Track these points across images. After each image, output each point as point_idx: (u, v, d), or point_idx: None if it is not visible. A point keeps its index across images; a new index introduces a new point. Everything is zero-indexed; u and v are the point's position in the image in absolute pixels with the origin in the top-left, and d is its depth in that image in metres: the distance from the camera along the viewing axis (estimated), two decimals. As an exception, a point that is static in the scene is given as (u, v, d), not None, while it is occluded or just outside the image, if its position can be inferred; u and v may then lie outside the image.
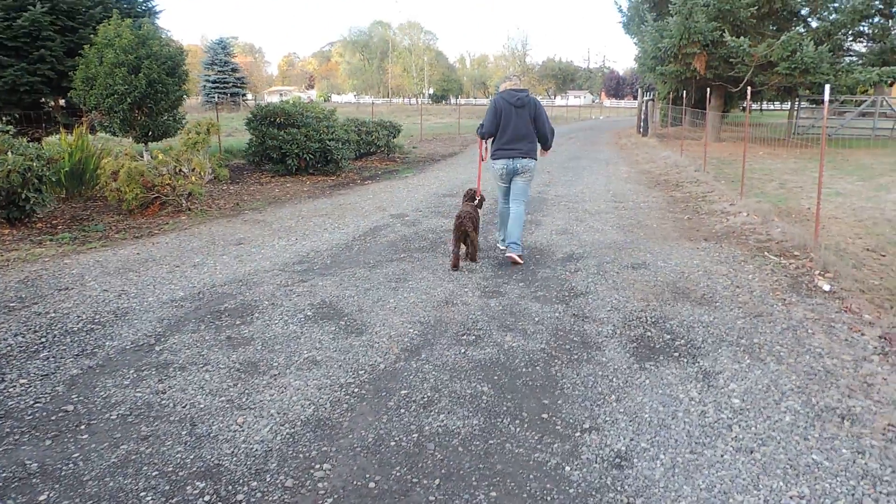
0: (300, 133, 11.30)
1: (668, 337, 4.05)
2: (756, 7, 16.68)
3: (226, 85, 47.00)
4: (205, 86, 47.27)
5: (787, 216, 7.88)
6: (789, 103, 21.90)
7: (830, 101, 21.26)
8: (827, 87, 6.43)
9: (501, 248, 6.17)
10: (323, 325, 4.16)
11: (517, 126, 5.76)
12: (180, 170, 8.37)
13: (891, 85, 20.30)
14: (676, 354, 3.79)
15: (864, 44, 19.66)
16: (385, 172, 13.02)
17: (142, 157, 9.25)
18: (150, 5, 12.76)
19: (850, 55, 19.34)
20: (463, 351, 3.75)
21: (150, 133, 10.19)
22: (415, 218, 7.84)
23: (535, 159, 5.93)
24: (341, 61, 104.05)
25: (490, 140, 6.07)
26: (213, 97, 45.49)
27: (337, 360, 3.61)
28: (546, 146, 6.12)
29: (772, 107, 42.97)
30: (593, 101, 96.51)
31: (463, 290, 4.93)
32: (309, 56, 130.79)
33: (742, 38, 16.22)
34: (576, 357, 3.71)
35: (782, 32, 17.57)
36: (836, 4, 16.69)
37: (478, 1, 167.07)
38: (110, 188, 7.91)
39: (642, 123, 24.11)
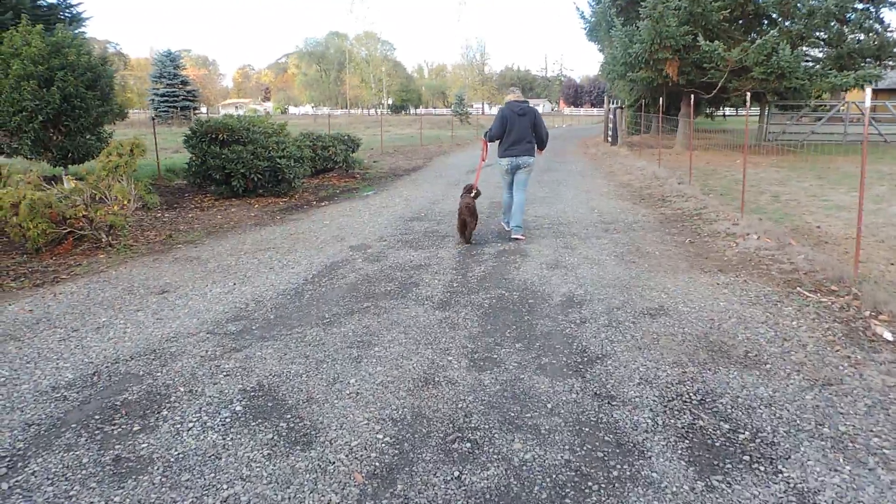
0: (246, 150, 10.04)
1: (727, 427, 3.00)
2: (728, 10, 16.05)
3: (175, 98, 45.05)
4: (153, 99, 45.25)
5: (803, 238, 6.98)
6: (759, 109, 21.43)
7: (800, 107, 20.92)
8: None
9: (507, 228, 7.58)
10: (256, 429, 2.97)
11: (520, 131, 7.16)
12: (100, 198, 7.06)
13: (846, 90, 19.95)
14: (748, 459, 2.74)
15: (821, 49, 19.27)
16: (344, 191, 11.82)
17: (58, 183, 7.90)
18: (74, 11, 11.38)
19: (807, 60, 18.93)
20: (457, 474, 2.61)
21: (70, 155, 8.83)
22: (379, 250, 6.68)
23: (534, 157, 7.35)
24: (297, 73, 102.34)
25: (497, 142, 7.40)
26: (163, 111, 43.64)
27: (272, 502, 2.44)
28: (542, 147, 7.53)
29: (732, 112, 43.08)
30: (553, 109, 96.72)
31: (445, 357, 3.80)
32: (264, 68, 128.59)
33: (716, 41, 15.54)
34: (616, 474, 2.61)
35: (754, 36, 17.01)
36: (811, 3, 16.15)
37: (435, 11, 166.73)
38: (11, 224, 6.56)
39: (611, 132, 23.41)
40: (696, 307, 4.71)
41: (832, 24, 17.31)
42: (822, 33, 17.47)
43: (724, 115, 42.66)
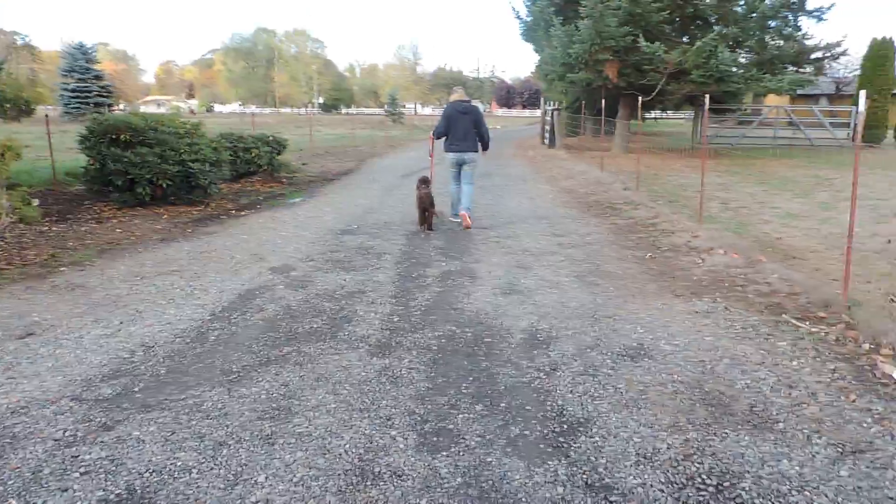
0: (153, 153, 8.83)
1: (762, 529, 2.27)
2: (667, 11, 15.82)
3: (88, 94, 42.07)
4: (62, 95, 42.11)
5: (768, 252, 6.47)
6: (688, 113, 21.52)
7: (734, 111, 21.09)
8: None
9: (454, 220, 8.06)
10: (112, 576, 2.03)
11: (464, 128, 7.72)
12: (-40, 212, 5.83)
13: (778, 94, 20.26)
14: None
15: (745, 55, 19.39)
16: (268, 198, 10.72)
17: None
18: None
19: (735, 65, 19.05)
20: None
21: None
22: (304, 273, 5.72)
23: (477, 152, 7.91)
24: (223, 69, 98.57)
25: (442, 139, 7.94)
26: (74, 108, 40.67)
27: None
28: (485, 148, 8.14)
29: (663, 116, 43.94)
30: (485, 111, 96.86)
31: (387, 431, 2.93)
32: (189, 64, 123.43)
33: (656, 43, 15.26)
34: None
35: (693, 39, 16.88)
36: (741, 7, 16.13)
37: (367, 9, 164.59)
38: None
39: (548, 135, 23.02)
40: (679, 345, 4.02)
41: (755, 31, 17.43)
42: (750, 39, 17.53)
43: (654, 119, 43.46)
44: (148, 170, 8.77)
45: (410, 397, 3.27)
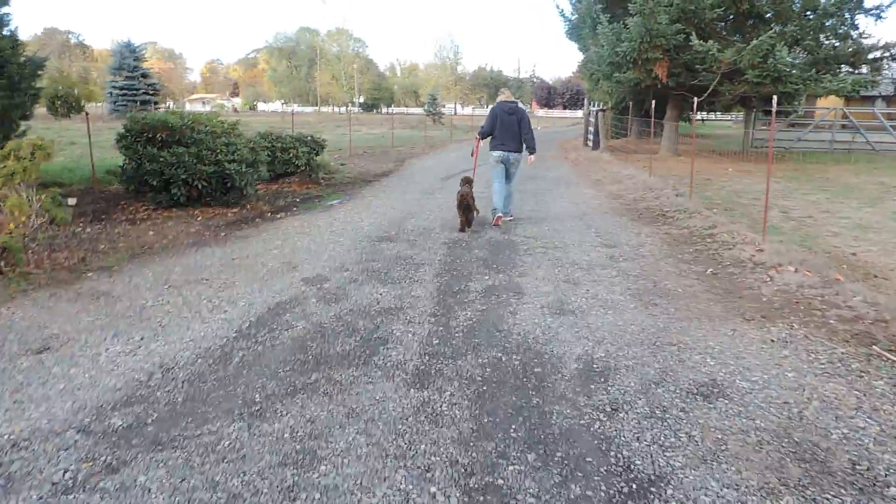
0: (189, 153, 8.63)
1: None
2: (722, 8, 15.06)
3: (135, 92, 42.87)
4: (111, 92, 43.00)
5: (845, 270, 5.87)
6: (736, 115, 20.61)
7: (788, 114, 20.12)
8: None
9: (494, 218, 8.11)
10: None
11: (509, 128, 7.93)
12: (-10, 214, 5.65)
13: (824, 96, 19.18)
14: None
15: (796, 55, 18.40)
16: (305, 200, 10.46)
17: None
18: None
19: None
20: None
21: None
22: (338, 284, 5.36)
23: (521, 152, 8.06)
24: (267, 69, 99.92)
25: (488, 139, 8.16)
26: (122, 105, 41.49)
27: None
28: (531, 151, 8.23)
29: (710, 117, 42.52)
30: (525, 111, 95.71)
31: (426, 486, 2.52)
32: (233, 63, 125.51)
33: (710, 41, 14.53)
34: None
35: (747, 38, 16.07)
36: (798, 4, 15.30)
37: (408, 9, 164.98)
38: None
39: (591, 136, 22.36)
40: (758, 381, 3.52)
41: (815, 29, 16.51)
42: (809, 38, 16.60)
43: (702, 120, 42.17)
44: (183, 170, 8.57)
45: (453, 441, 2.87)
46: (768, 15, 16.18)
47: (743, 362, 3.78)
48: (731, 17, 16.80)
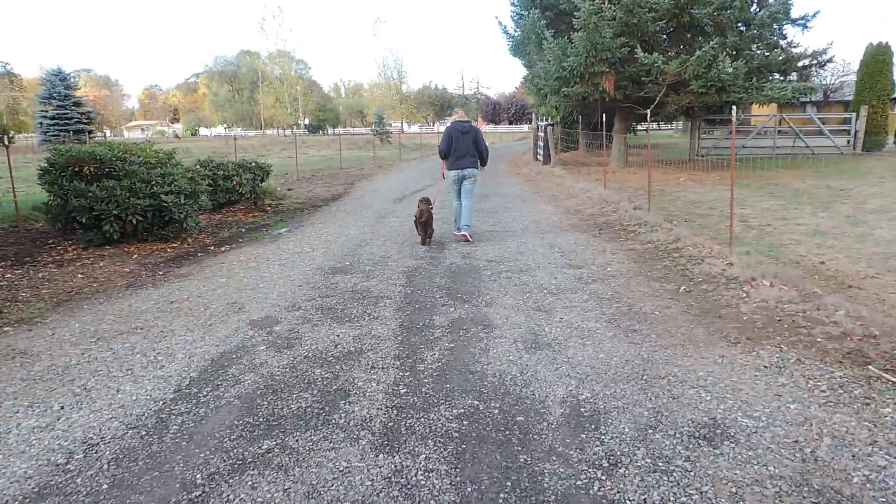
0: (121, 186, 7.99)
1: None
2: (664, 21, 15.20)
3: (67, 121, 41.08)
4: (41, 122, 41.11)
5: (819, 282, 5.71)
6: (677, 124, 20.92)
7: (727, 122, 20.48)
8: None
9: (456, 234, 8.35)
10: None
11: (464, 147, 8.14)
12: None
13: (767, 104, 19.70)
14: None
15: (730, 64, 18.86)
16: (251, 230, 9.88)
17: None
18: None
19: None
20: None
21: None
22: (290, 327, 4.87)
23: (477, 168, 8.31)
24: (208, 93, 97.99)
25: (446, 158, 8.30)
26: (53, 135, 39.67)
27: None
28: (483, 163, 8.50)
29: (654, 127, 43.31)
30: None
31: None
32: (173, 88, 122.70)
33: (654, 54, 14.62)
34: None
35: (687, 50, 16.30)
36: (751, 12, 15.60)
37: (351, 29, 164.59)
38: None
39: (541, 151, 22.34)
40: (761, 418, 3.21)
41: (755, 39, 16.89)
42: (750, 48, 16.95)
43: (646, 130, 42.99)
44: (115, 205, 7.93)
45: (433, 520, 2.43)
46: (707, 27, 16.44)
47: (740, 395, 3.47)
48: (672, 29, 17.02)
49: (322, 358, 4.18)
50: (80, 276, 6.86)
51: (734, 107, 8.09)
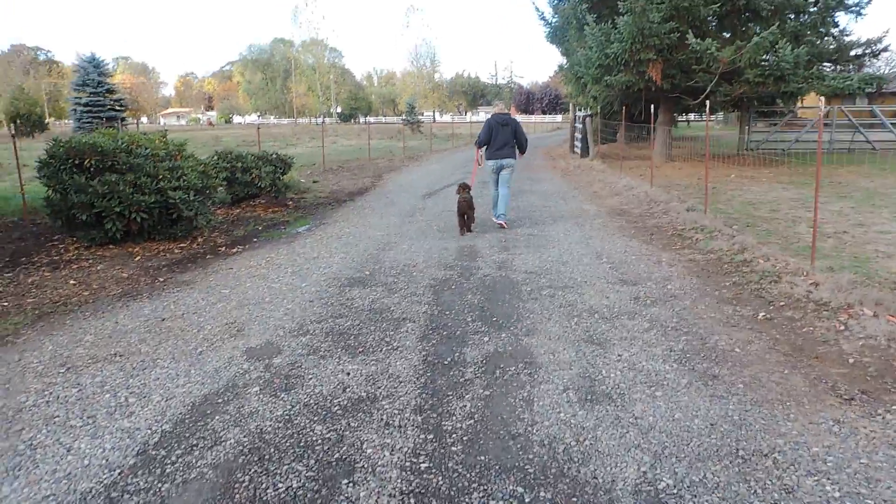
0: (124, 181, 7.31)
1: None
2: (718, 4, 14.01)
3: (101, 108, 41.11)
4: (75, 109, 41.22)
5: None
6: (721, 115, 19.64)
7: (783, 114, 19.21)
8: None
9: (496, 222, 8.75)
10: None
11: (503, 138, 8.62)
12: None
13: (832, 96, 18.36)
14: None
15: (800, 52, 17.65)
16: (268, 227, 9.15)
17: None
18: None
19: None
20: None
21: None
22: (293, 359, 4.07)
23: (515, 158, 8.76)
24: (242, 81, 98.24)
25: (484, 148, 8.80)
26: (87, 122, 39.75)
27: None
28: (522, 151, 8.91)
29: (692, 117, 41.67)
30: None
31: None
32: (208, 76, 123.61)
33: (707, 40, 13.47)
34: None
35: (739, 35, 15.06)
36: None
37: (384, 17, 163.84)
38: None
39: (579, 143, 21.25)
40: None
41: (816, 25, 15.57)
42: (812, 34, 15.63)
43: (687, 122, 41.41)
44: (118, 201, 7.25)
45: None
46: (764, 12, 15.17)
47: (876, 488, 2.56)
48: (725, 13, 15.79)
49: (325, 407, 3.37)
50: (72, 281, 6.18)
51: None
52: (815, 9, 14.88)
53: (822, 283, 5.34)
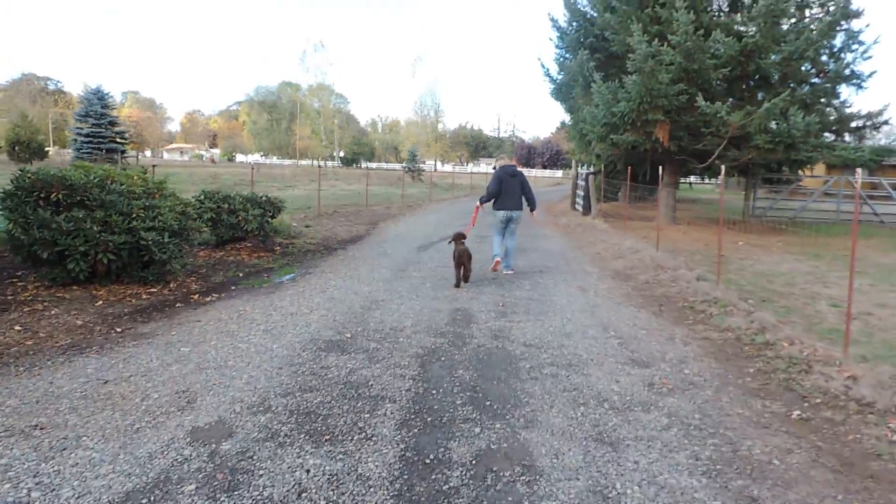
0: (92, 218, 6.72)
1: None
2: (728, 69, 13.78)
3: (101, 140, 40.93)
4: (76, 139, 41.03)
5: None
6: (728, 180, 19.34)
7: (789, 182, 18.89)
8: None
9: (504, 271, 9.09)
10: None
11: (512, 189, 8.91)
12: None
13: (840, 165, 18.12)
14: None
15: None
16: (250, 274, 8.53)
17: None
18: None
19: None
20: None
21: None
22: (245, 446, 3.40)
23: (522, 210, 9.04)
24: (247, 121, 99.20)
25: (490, 201, 8.99)
26: (86, 153, 39.50)
27: None
28: (532, 207, 9.36)
29: (693, 180, 41.60)
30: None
31: None
32: (214, 114, 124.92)
33: (717, 103, 13.17)
34: None
35: (747, 101, 14.82)
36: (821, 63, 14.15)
37: (391, 66, 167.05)
38: None
39: (581, 200, 20.88)
40: None
41: (827, 93, 15.37)
42: (823, 102, 15.42)
43: (690, 184, 41.37)
44: (83, 240, 6.64)
45: None
46: (772, 78, 14.97)
47: None
48: (734, 78, 15.61)
49: (273, 522, 2.69)
50: (17, 327, 5.52)
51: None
52: (824, 78, 14.67)
53: (860, 377, 4.71)
